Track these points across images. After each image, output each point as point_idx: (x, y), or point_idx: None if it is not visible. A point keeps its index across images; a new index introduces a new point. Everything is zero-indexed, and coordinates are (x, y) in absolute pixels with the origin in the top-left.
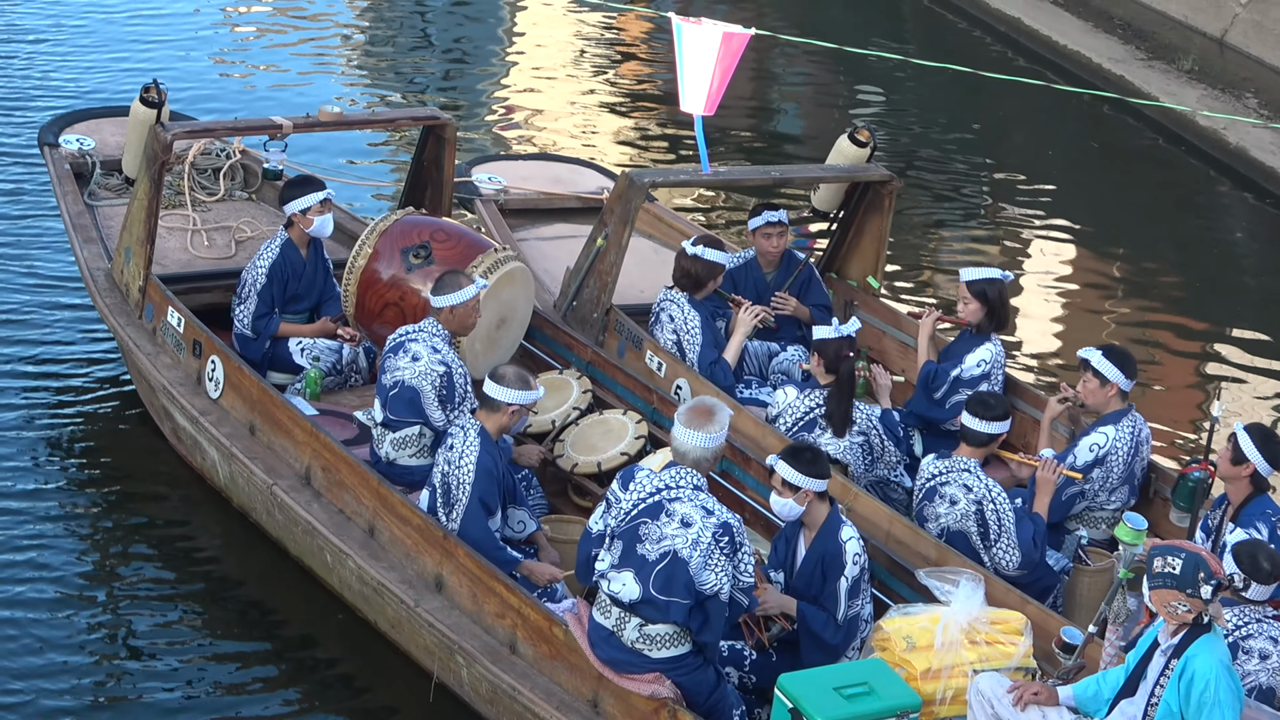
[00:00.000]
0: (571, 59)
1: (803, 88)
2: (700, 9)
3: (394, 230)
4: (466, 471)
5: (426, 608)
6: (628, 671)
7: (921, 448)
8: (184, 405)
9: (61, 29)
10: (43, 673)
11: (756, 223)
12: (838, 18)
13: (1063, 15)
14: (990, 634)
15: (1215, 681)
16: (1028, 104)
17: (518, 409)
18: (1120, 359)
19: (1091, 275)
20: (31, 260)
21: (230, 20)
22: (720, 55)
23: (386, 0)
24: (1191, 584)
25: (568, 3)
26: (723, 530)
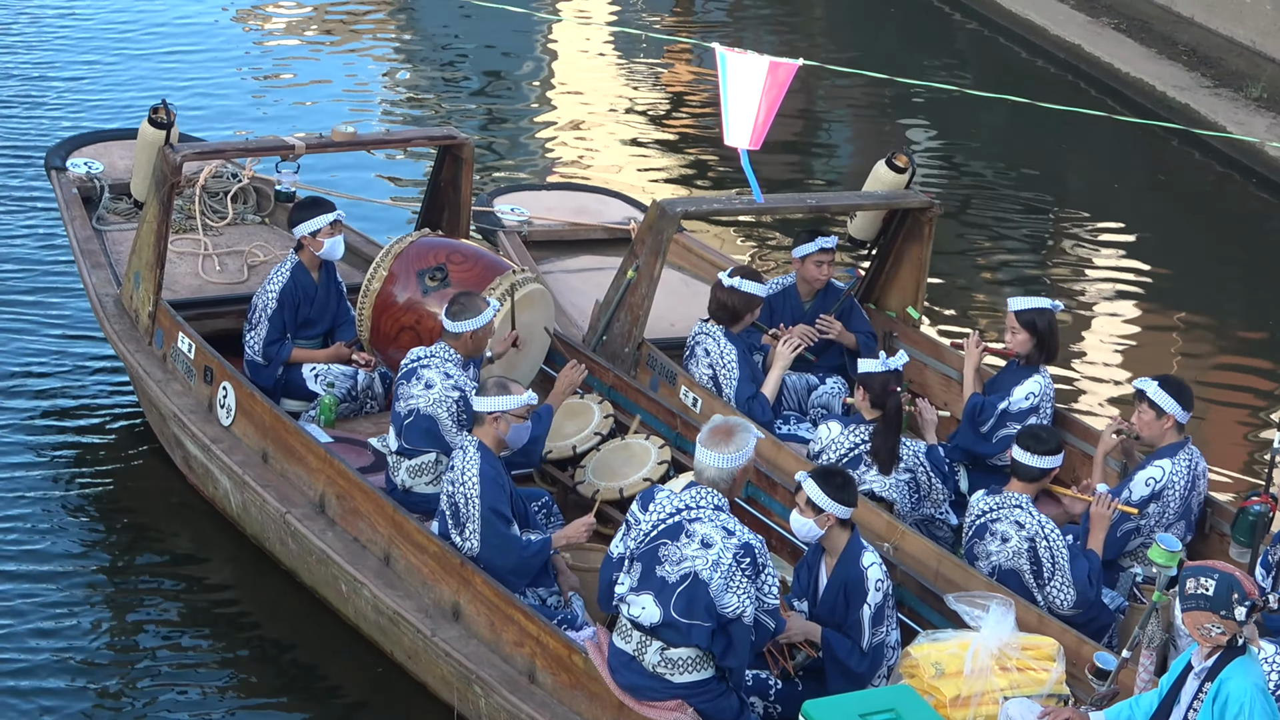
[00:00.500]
0: (611, 89)
1: (853, 120)
2: (748, 40)
3: (409, 252)
4: (471, 485)
5: (444, 637)
6: (649, 698)
7: (967, 483)
8: (195, 433)
9: (69, 50)
10: (53, 706)
11: (808, 249)
12: (890, 47)
13: (1124, 41)
14: (1021, 660)
15: (1250, 705)
16: (1088, 135)
17: (501, 415)
18: (1177, 390)
19: (1154, 310)
20: (38, 286)
21: (255, 43)
22: (766, 86)
23: (417, 35)
24: (1225, 605)
25: (608, 33)
26: (744, 551)
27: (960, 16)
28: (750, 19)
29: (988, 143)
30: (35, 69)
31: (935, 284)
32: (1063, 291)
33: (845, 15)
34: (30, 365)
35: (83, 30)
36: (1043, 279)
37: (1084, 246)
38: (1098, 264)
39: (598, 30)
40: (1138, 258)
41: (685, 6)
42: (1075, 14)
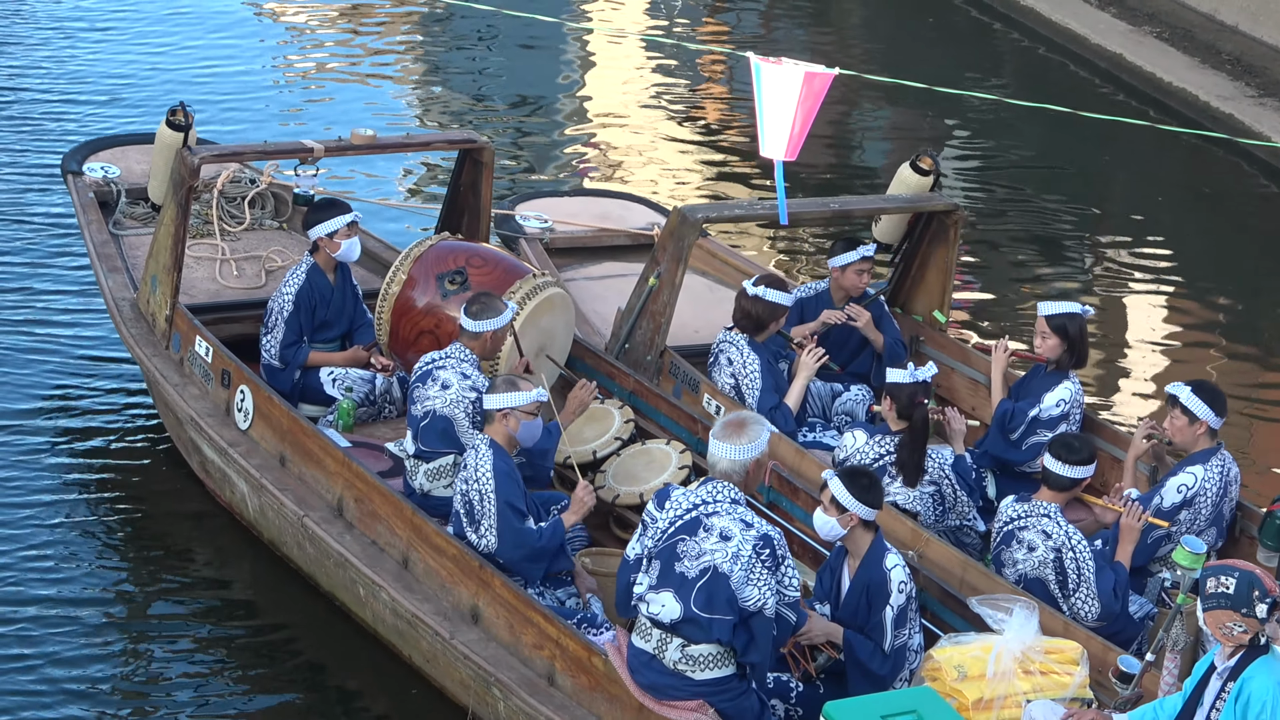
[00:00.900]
0: (642, 99)
1: (890, 131)
2: (783, 48)
3: (429, 256)
4: (485, 481)
5: (462, 640)
6: (669, 697)
7: (995, 491)
8: (212, 437)
9: (87, 54)
10: (70, 706)
11: (849, 258)
12: (928, 56)
13: (1167, 50)
14: (1045, 663)
15: (1274, 703)
16: (1131, 145)
17: (510, 412)
18: (1210, 395)
19: (1195, 321)
20: (55, 291)
21: (280, 44)
22: (802, 96)
23: (447, 43)
24: (1246, 603)
25: (641, 44)
26: (763, 542)
27: (1001, 26)
28: (785, 29)
29: (1028, 153)
30: (52, 73)
31: (978, 297)
32: (1104, 300)
33: (883, 26)
34: (46, 370)
35: (101, 34)
36: (1083, 289)
37: (1125, 256)
38: (1139, 274)
39: (630, 41)
40: (1179, 268)
41: (719, 17)
42: (1116, 23)
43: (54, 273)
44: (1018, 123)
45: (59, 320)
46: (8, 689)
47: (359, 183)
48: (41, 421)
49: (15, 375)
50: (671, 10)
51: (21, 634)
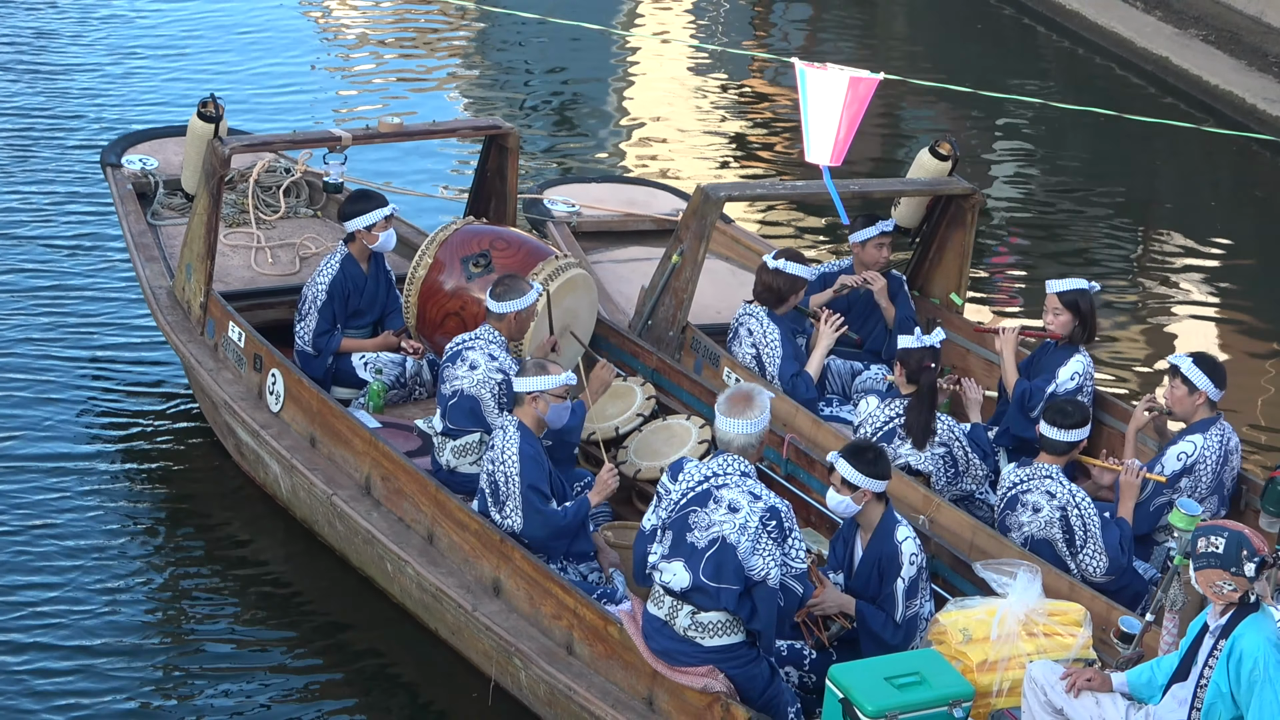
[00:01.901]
0: (686, 104)
1: (935, 133)
2: (828, 55)
3: (454, 240)
4: (510, 463)
5: (484, 612)
6: (681, 663)
7: (1008, 467)
8: (245, 419)
9: (125, 47)
10: (109, 678)
11: (868, 233)
12: (975, 62)
13: (1214, 54)
14: (1048, 625)
15: (1264, 659)
16: (1177, 148)
17: (539, 395)
18: (1210, 367)
19: (1249, 326)
20: (93, 281)
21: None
22: (847, 101)
23: (488, 46)
24: (1235, 562)
25: (686, 50)
26: (770, 514)
27: (1045, 30)
28: (830, 34)
29: (1074, 156)
30: (91, 67)
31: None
32: (1154, 303)
33: (928, 30)
34: (86, 358)
35: (138, 29)
36: (1132, 293)
37: (1175, 260)
38: (1190, 277)
39: (675, 47)
40: (1231, 270)
41: (764, 23)
42: (1163, 26)
43: (93, 262)
44: (1064, 126)
45: (98, 309)
46: (56, 652)
47: (392, 172)
48: (81, 407)
49: (56, 363)
50: (717, 21)
51: (69, 607)
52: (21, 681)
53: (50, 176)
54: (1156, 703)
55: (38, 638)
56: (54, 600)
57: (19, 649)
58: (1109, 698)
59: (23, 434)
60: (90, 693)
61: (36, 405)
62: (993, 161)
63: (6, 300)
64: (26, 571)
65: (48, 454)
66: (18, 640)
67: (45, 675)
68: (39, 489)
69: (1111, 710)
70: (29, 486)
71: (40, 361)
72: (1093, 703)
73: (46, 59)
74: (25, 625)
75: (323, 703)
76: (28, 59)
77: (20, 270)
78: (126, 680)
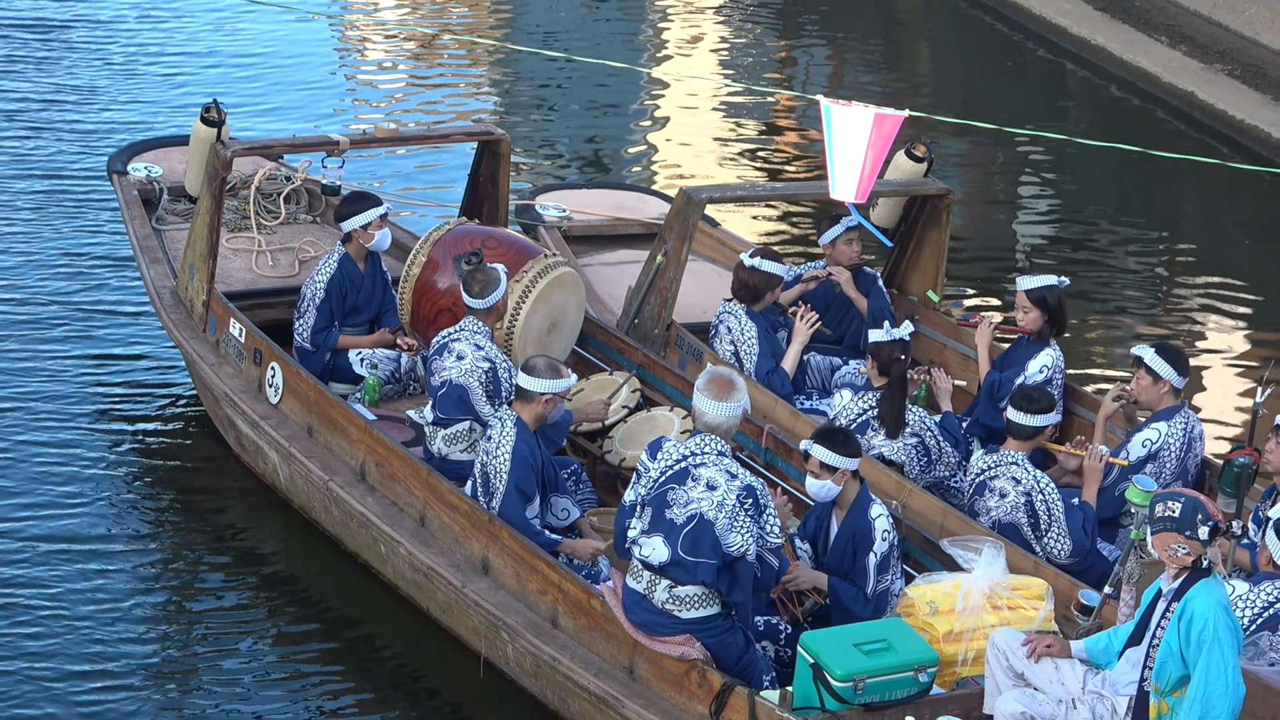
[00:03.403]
0: (709, 139)
1: (961, 170)
2: (852, 93)
3: (447, 239)
4: (503, 460)
5: (474, 589)
6: (659, 634)
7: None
8: (245, 411)
9: (129, 60)
10: (113, 661)
11: (835, 232)
12: (999, 97)
13: (1239, 88)
14: (1012, 599)
15: (1214, 620)
16: (1203, 182)
17: (551, 398)
18: (1173, 356)
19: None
20: (100, 282)
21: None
22: (872, 138)
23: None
24: (1190, 526)
25: (710, 87)
26: (746, 492)
27: (1071, 65)
28: (853, 74)
29: (1101, 192)
30: (97, 78)
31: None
32: (1182, 336)
33: (953, 67)
34: (92, 356)
35: (143, 40)
36: (1159, 325)
37: (1202, 296)
38: (1218, 313)
39: (701, 83)
40: (1259, 306)
41: (788, 61)
42: (1188, 61)
43: (99, 265)
44: (1090, 162)
45: (104, 309)
46: (58, 638)
47: (385, 176)
48: (87, 403)
49: (64, 362)
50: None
51: (69, 593)
52: (20, 666)
53: (59, 183)
54: (1112, 668)
55: (42, 622)
56: (62, 581)
57: (21, 634)
58: (1068, 663)
59: (31, 428)
60: (91, 671)
61: (45, 400)
62: (1019, 198)
63: (17, 300)
64: (33, 559)
65: (55, 447)
66: (19, 626)
67: (47, 658)
68: (46, 480)
69: (1070, 675)
70: (36, 477)
71: (48, 359)
72: (1052, 668)
73: (54, 71)
74: (28, 608)
75: (319, 681)
76: (37, 71)
77: (29, 272)
78: (128, 654)
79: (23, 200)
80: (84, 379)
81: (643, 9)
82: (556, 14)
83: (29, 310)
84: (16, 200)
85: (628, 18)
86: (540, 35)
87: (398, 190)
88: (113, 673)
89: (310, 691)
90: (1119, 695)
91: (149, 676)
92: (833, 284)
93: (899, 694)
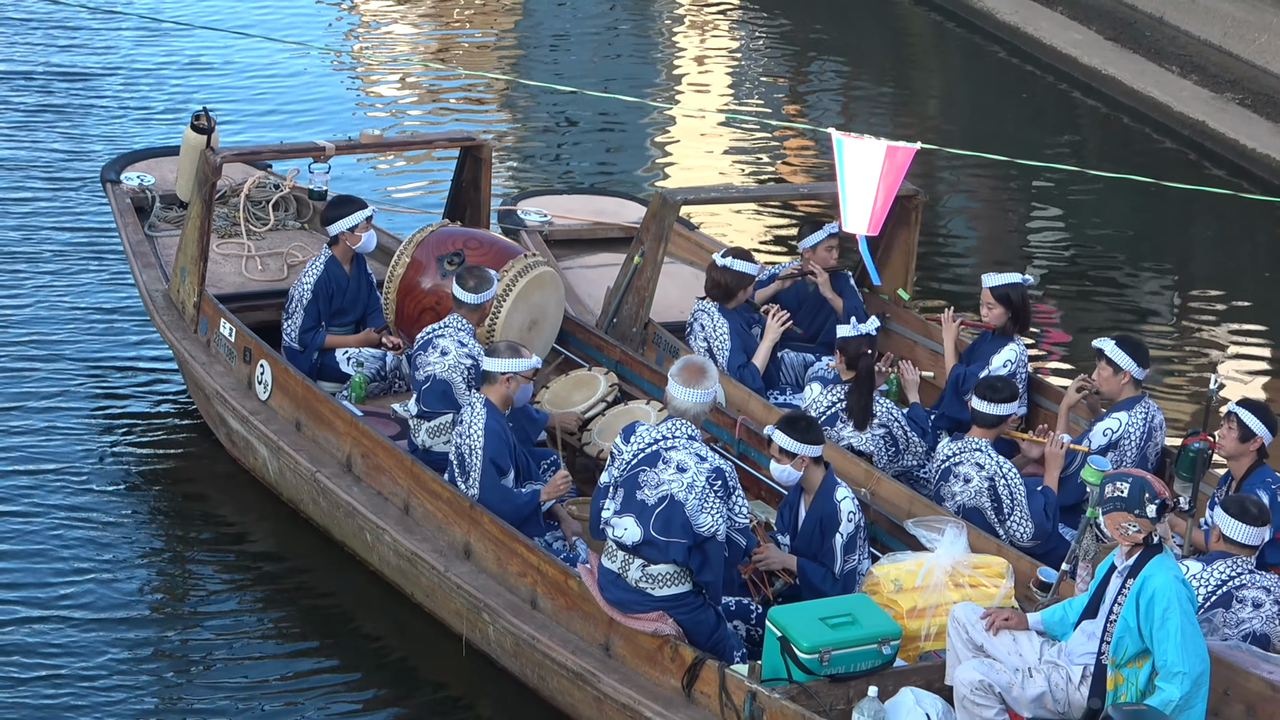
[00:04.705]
0: (720, 171)
1: (972, 202)
2: (861, 124)
3: (430, 240)
4: (475, 437)
5: (456, 573)
6: (633, 611)
7: None
8: (235, 407)
9: (121, 72)
10: (108, 653)
11: (818, 237)
12: (1008, 127)
13: (1250, 117)
14: (973, 577)
15: (1174, 595)
16: (1216, 212)
17: (512, 376)
18: (1133, 348)
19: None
20: (94, 287)
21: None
22: (884, 171)
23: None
24: (1138, 504)
25: (721, 120)
26: (715, 474)
27: (1081, 95)
28: (865, 104)
29: (1112, 222)
30: (92, 90)
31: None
32: (1195, 368)
33: (963, 97)
34: (87, 358)
35: (137, 53)
36: (1173, 358)
37: (1216, 328)
38: (1233, 345)
39: (713, 117)
40: (1272, 335)
41: (798, 95)
42: (1199, 90)
43: (94, 271)
44: (1102, 192)
45: (98, 313)
46: (56, 628)
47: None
48: (82, 403)
49: (59, 364)
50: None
51: (67, 588)
52: (18, 654)
53: (55, 192)
54: (1068, 639)
55: (37, 614)
56: (57, 574)
57: (17, 624)
58: (1025, 635)
59: (25, 428)
60: (82, 660)
61: (39, 401)
62: (1031, 230)
63: (13, 303)
64: (28, 554)
65: (49, 445)
66: (15, 615)
67: (42, 653)
68: (40, 477)
69: (1027, 646)
70: (30, 474)
71: (43, 361)
72: (1010, 640)
73: (51, 84)
74: (24, 601)
75: (308, 668)
76: (34, 83)
77: (26, 277)
78: (122, 646)
79: (21, 207)
80: (78, 379)
81: (652, 45)
82: (563, 22)
83: (25, 311)
84: (14, 207)
85: (636, 57)
86: (548, 38)
87: (381, 196)
88: (103, 662)
89: (299, 677)
90: (1074, 664)
91: (138, 664)
92: (806, 284)
93: (863, 666)
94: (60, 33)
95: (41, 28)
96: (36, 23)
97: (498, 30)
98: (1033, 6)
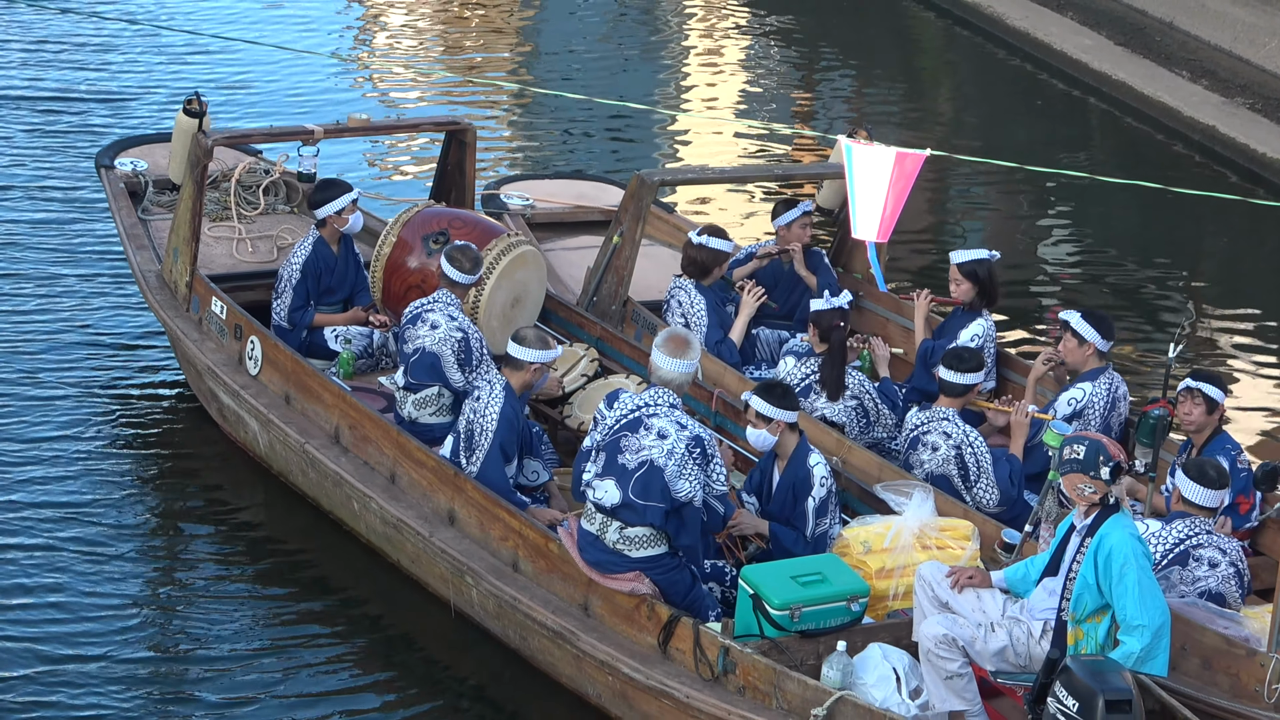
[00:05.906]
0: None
1: (983, 208)
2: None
3: (416, 220)
4: (490, 420)
5: (440, 538)
6: (611, 571)
7: None
8: (226, 382)
9: (115, 59)
10: (104, 623)
11: (792, 215)
12: (1019, 132)
13: (1260, 121)
14: (940, 539)
15: (1130, 550)
16: (1226, 217)
17: (539, 366)
18: (1097, 321)
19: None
20: (89, 269)
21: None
22: (894, 178)
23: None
24: (1093, 466)
25: (732, 128)
26: (695, 442)
27: (1093, 100)
28: (876, 110)
29: (1123, 227)
30: (86, 78)
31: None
32: (1210, 363)
33: (973, 102)
34: (82, 337)
35: (130, 43)
36: (1184, 363)
37: (1226, 334)
38: (1244, 352)
39: (725, 124)
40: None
41: (808, 102)
42: (1210, 95)
43: (88, 253)
44: (1112, 197)
45: (93, 293)
46: (50, 605)
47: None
48: (77, 381)
49: (54, 342)
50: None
51: (63, 561)
52: (13, 636)
53: (50, 177)
54: (1030, 595)
55: (32, 592)
56: (53, 548)
57: (11, 603)
58: (989, 593)
59: (22, 406)
60: (76, 629)
61: (35, 377)
62: (1040, 235)
63: (9, 285)
64: (21, 529)
65: (45, 422)
66: (13, 594)
67: (36, 625)
68: (37, 454)
69: (991, 603)
70: (27, 450)
71: (39, 341)
72: (974, 597)
73: (46, 71)
74: (17, 575)
75: (298, 636)
76: (29, 69)
77: (21, 260)
78: (117, 617)
79: (17, 191)
80: (73, 357)
81: (664, 50)
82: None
83: (21, 292)
84: (10, 192)
85: (645, 58)
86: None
87: (368, 179)
88: (97, 631)
89: (289, 645)
90: (1035, 619)
91: (132, 635)
92: (782, 263)
93: (833, 622)
94: (56, 24)
95: (39, 22)
96: (35, 21)
97: (501, 29)
98: (1043, 12)
